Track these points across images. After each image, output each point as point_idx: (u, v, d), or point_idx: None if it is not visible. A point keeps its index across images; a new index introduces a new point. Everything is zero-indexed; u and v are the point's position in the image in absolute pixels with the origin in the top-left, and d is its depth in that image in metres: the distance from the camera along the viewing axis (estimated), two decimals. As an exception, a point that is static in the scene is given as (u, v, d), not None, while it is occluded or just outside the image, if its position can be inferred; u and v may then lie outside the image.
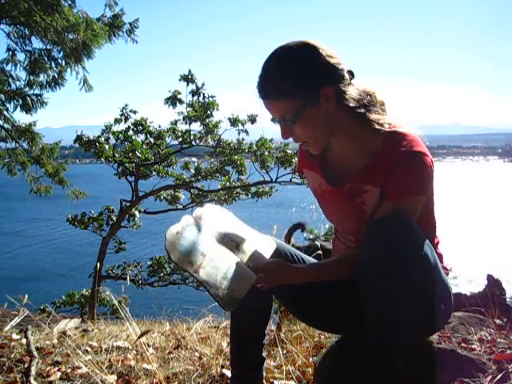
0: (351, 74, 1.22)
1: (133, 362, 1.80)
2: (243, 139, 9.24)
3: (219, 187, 9.66)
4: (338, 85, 1.17)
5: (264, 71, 1.18)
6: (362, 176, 1.24)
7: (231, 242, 1.23)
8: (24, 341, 2.05)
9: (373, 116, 1.21)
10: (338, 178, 1.31)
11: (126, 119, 9.13)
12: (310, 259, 1.46)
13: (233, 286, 1.11)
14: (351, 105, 1.19)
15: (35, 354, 1.80)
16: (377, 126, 1.20)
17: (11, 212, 40.27)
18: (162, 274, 9.51)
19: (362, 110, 1.20)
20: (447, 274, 1.32)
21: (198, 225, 1.22)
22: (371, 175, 1.21)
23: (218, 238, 1.23)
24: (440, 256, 1.34)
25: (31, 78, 7.45)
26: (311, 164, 1.41)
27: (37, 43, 7.23)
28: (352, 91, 1.20)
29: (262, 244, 1.30)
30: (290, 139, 1.25)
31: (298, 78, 1.14)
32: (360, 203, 1.24)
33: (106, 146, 8.96)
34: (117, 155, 9.07)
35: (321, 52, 1.15)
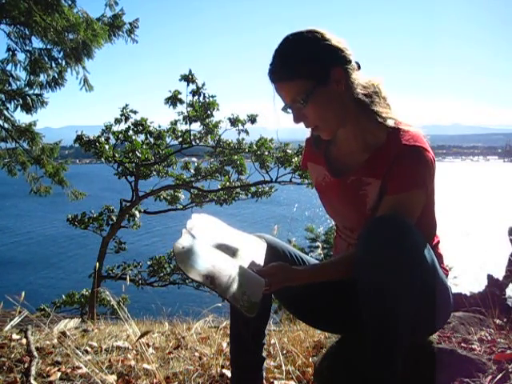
0: (358, 65, 1.25)
1: (133, 362, 1.80)
2: (243, 139, 9.25)
3: (219, 187, 9.66)
4: (346, 67, 1.19)
5: (276, 54, 1.20)
6: (364, 168, 1.25)
7: (227, 250, 1.24)
8: (24, 341, 2.05)
9: (378, 108, 1.24)
10: (341, 169, 1.32)
11: (126, 119, 9.13)
12: (309, 259, 1.46)
13: (248, 291, 1.12)
14: (359, 91, 1.22)
15: (35, 354, 1.80)
16: (381, 120, 1.23)
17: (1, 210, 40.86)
18: (162, 274, 9.52)
19: (369, 100, 1.23)
20: (447, 275, 1.32)
21: (195, 237, 1.22)
22: (373, 168, 1.23)
23: (216, 248, 1.24)
24: (440, 256, 1.33)
25: (31, 77, 7.44)
26: (316, 157, 1.42)
27: (37, 43, 7.24)
28: (360, 78, 1.23)
29: (255, 246, 1.31)
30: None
31: (309, 58, 1.17)
32: (363, 196, 1.25)
33: (106, 146, 8.97)
34: (117, 155, 9.07)
35: (330, 36, 1.19)
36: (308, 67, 1.16)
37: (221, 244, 1.26)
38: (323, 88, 1.17)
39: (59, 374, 1.65)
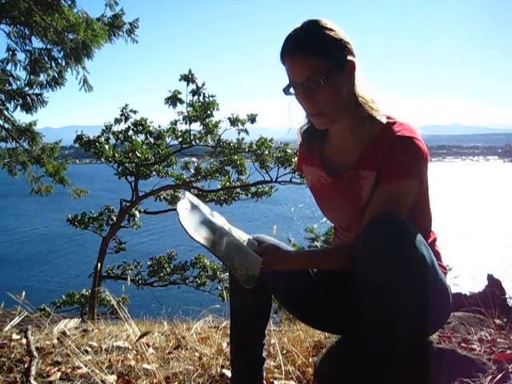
0: None
1: (133, 362, 1.80)
2: (243, 139, 9.26)
3: (219, 187, 9.66)
4: (355, 61, 1.22)
5: (303, 30, 1.19)
6: (360, 162, 1.26)
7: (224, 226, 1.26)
8: (24, 341, 2.05)
9: (373, 107, 1.25)
10: (337, 168, 1.32)
11: (126, 119, 9.14)
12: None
13: (246, 263, 1.14)
14: (359, 90, 1.23)
15: (35, 354, 1.80)
16: (376, 118, 1.25)
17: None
18: (162, 274, 9.52)
19: (366, 100, 1.25)
20: (445, 273, 1.32)
21: (197, 204, 1.24)
22: (368, 161, 1.24)
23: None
24: (437, 254, 1.33)
25: (31, 77, 7.43)
26: (311, 159, 1.42)
27: (37, 43, 7.23)
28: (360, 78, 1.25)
29: (244, 234, 1.32)
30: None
31: (334, 42, 1.18)
32: (358, 190, 1.26)
33: (106, 146, 8.97)
34: (117, 155, 9.07)
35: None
36: (333, 50, 1.17)
37: (218, 219, 1.28)
38: (339, 75, 1.18)
39: (59, 373, 1.65)
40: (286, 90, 1.23)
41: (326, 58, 1.16)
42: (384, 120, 1.25)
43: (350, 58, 1.20)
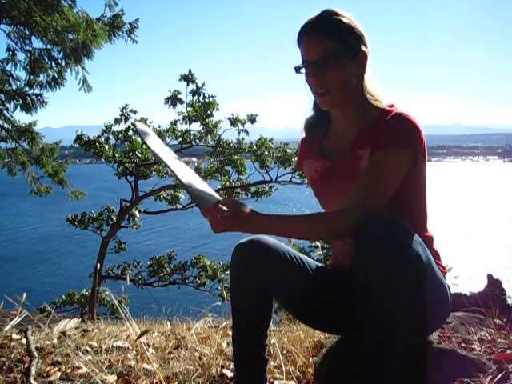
0: None
1: (133, 362, 1.80)
2: (243, 139, 9.26)
3: (219, 187, 9.66)
4: (367, 53, 1.27)
5: (321, 15, 1.26)
6: (358, 142, 1.29)
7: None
8: (24, 341, 2.05)
9: (379, 98, 1.29)
10: (337, 152, 1.35)
11: (126, 119, 9.13)
12: (309, 260, 1.45)
13: (201, 186, 1.16)
14: (370, 80, 1.28)
15: (35, 354, 1.80)
16: (378, 104, 1.28)
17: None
18: (162, 274, 9.52)
19: (374, 92, 1.28)
20: (444, 273, 1.31)
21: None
22: (365, 139, 1.27)
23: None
24: (436, 253, 1.32)
25: (31, 77, 7.44)
26: (310, 152, 1.46)
27: (37, 43, 7.24)
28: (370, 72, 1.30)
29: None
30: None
31: (351, 30, 1.25)
32: (357, 168, 1.27)
33: (106, 146, 8.97)
34: (117, 155, 9.07)
35: None
36: (347, 36, 1.24)
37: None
38: (350, 61, 1.24)
39: (59, 373, 1.65)
40: (297, 69, 1.29)
41: (341, 41, 1.22)
42: (385, 106, 1.28)
43: (363, 48, 1.25)
